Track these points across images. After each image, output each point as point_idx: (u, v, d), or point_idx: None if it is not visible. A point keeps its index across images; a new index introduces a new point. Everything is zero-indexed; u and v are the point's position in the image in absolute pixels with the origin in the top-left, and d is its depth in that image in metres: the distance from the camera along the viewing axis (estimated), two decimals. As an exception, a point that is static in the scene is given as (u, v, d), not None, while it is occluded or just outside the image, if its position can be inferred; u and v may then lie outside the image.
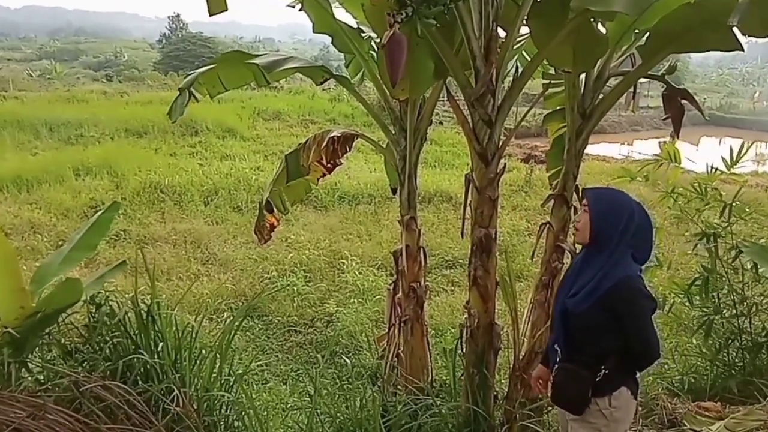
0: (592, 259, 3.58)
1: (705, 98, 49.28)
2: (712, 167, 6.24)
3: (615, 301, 3.44)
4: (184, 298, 8.61)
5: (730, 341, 6.22)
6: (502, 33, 4.82)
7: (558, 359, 3.74)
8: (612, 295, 3.44)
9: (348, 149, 5.96)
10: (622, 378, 3.59)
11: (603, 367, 3.53)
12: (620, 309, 3.44)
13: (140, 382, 4.61)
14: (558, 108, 6.36)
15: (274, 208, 6.55)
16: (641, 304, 3.48)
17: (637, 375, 3.69)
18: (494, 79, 4.72)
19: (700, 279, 6.14)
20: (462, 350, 5.32)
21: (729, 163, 6.21)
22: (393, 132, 5.95)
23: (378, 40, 5.34)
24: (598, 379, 3.53)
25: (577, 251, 3.95)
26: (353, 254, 12.26)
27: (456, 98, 5.01)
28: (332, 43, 5.83)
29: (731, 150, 6.27)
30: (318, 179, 6.18)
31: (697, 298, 6.27)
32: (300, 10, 5.72)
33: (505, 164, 5.02)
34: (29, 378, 4.57)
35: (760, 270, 5.85)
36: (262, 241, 6.78)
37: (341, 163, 6.01)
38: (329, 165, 5.89)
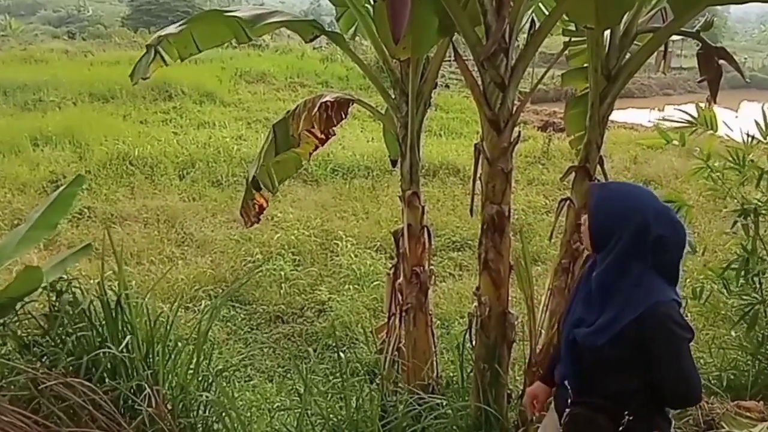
0: (608, 278, 3.26)
1: (746, 58, 49.18)
2: (748, 135, 6.21)
3: (642, 335, 3.13)
4: (156, 284, 8.60)
5: (774, 333, 6.23)
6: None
7: (569, 400, 3.47)
8: (638, 328, 3.12)
9: (343, 116, 5.94)
10: (651, 422, 3.31)
11: (626, 412, 3.20)
12: (650, 343, 3.13)
13: (107, 380, 4.62)
14: (584, 66, 6.30)
15: (262, 186, 6.52)
16: (676, 334, 3.14)
17: (669, 412, 3.44)
18: (507, 36, 4.70)
19: (737, 262, 6.13)
20: (471, 343, 5.33)
21: (765, 131, 6.19)
22: (393, 96, 5.92)
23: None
24: (621, 428, 3.22)
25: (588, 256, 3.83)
26: (348, 234, 12.24)
27: (464, 58, 4.98)
28: (323, -8, 5.80)
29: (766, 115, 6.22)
30: (310, 153, 6.17)
31: (735, 284, 6.26)
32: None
33: (519, 132, 5.00)
34: (-20, 375, 4.58)
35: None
36: (249, 223, 6.77)
37: (335, 133, 5.99)
38: (322, 135, 5.87)
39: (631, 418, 3.19)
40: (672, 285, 3.24)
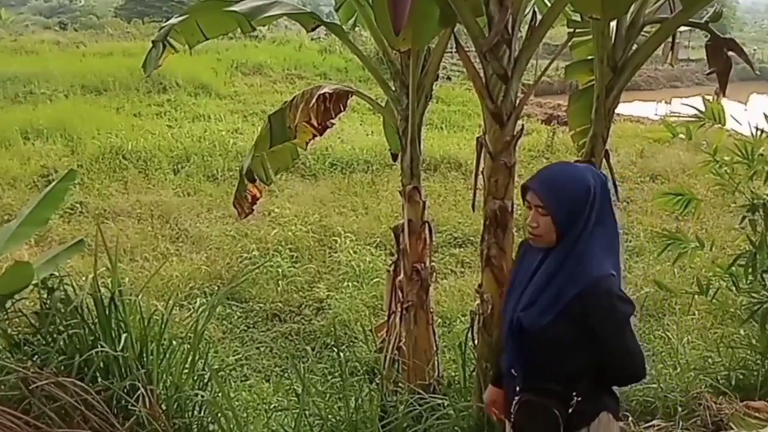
0: (552, 261, 3.27)
1: (755, 49, 49.09)
2: (758, 129, 6.20)
3: (585, 310, 3.13)
4: (150, 281, 8.59)
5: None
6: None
7: (517, 387, 3.47)
8: (581, 303, 3.13)
9: (341, 108, 5.93)
10: (599, 402, 3.35)
11: (575, 393, 3.25)
12: (594, 319, 3.15)
13: (100, 379, 4.61)
14: (588, 57, 6.29)
15: (256, 178, 6.52)
16: (618, 309, 3.17)
17: (616, 390, 3.51)
18: (510, 26, 4.69)
19: (744, 257, 6.11)
20: (473, 342, 5.33)
21: (773, 123, 6.17)
22: (393, 88, 5.92)
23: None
24: (570, 410, 3.26)
25: (523, 242, 3.66)
26: (347, 230, 12.25)
27: (466, 49, 4.98)
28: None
29: (773, 108, 6.20)
30: (306, 143, 6.16)
31: (744, 281, 6.25)
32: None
33: (522, 126, 5.00)
34: (-30, 374, 4.58)
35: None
36: (243, 215, 6.77)
37: (333, 124, 5.99)
38: (320, 126, 5.87)
39: (579, 399, 3.26)
40: (613, 257, 3.31)
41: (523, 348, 3.37)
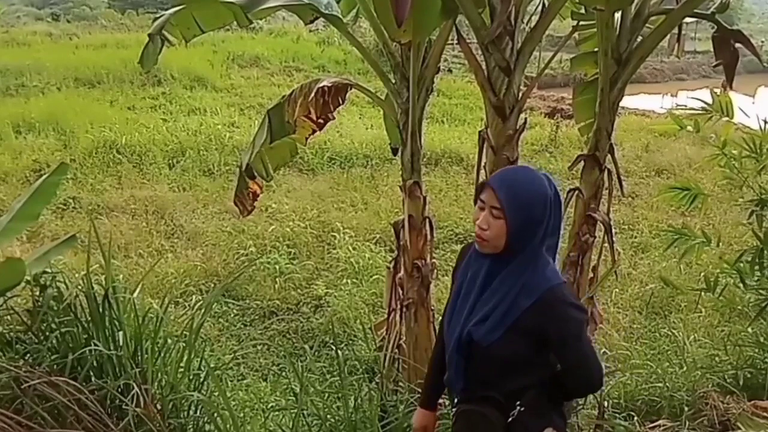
0: (500, 269, 3.11)
1: (763, 41, 48.89)
2: (766, 122, 6.19)
3: (540, 322, 3.03)
4: (145, 278, 8.57)
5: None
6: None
7: (455, 399, 3.42)
8: (535, 315, 3.02)
9: (341, 102, 5.93)
10: (546, 417, 3.23)
11: (518, 403, 3.14)
12: (550, 330, 3.04)
13: (93, 378, 4.61)
14: (594, 50, 6.29)
15: (256, 174, 6.51)
16: (574, 317, 3.10)
17: (565, 406, 3.45)
18: (513, 18, 4.69)
19: (750, 253, 6.11)
20: (475, 340, 5.33)
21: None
22: (393, 81, 5.92)
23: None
24: (511, 419, 3.14)
25: (466, 247, 3.49)
26: (346, 226, 12.23)
27: (468, 41, 4.98)
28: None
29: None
30: (306, 138, 6.16)
31: (751, 277, 6.25)
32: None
33: (525, 119, 5.01)
34: (-40, 374, 4.58)
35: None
36: (245, 212, 6.77)
37: (333, 118, 5.98)
38: (319, 120, 5.87)
39: (522, 408, 3.15)
40: (556, 264, 3.22)
41: (470, 363, 3.22)
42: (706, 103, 6.23)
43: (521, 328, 3.04)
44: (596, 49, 5.91)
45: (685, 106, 6.61)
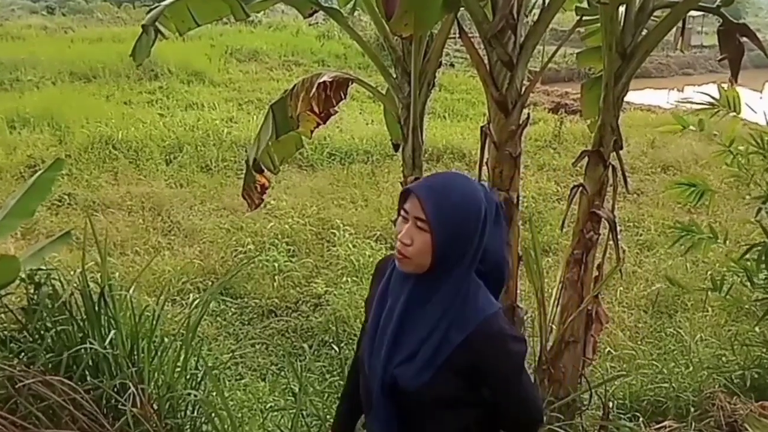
0: (425, 295, 2.73)
1: (771, 35, 49.07)
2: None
3: (475, 359, 2.68)
4: (141, 276, 8.57)
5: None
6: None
7: None
8: (469, 351, 2.66)
9: (342, 96, 5.93)
10: None
11: None
12: (486, 367, 2.70)
13: (89, 378, 4.61)
14: (598, 45, 6.29)
15: (264, 168, 6.52)
16: (513, 351, 2.76)
17: None
18: (516, 11, 4.69)
19: (757, 250, 6.10)
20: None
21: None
22: (394, 76, 5.92)
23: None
24: None
25: (383, 263, 3.10)
26: (346, 223, 12.21)
27: (470, 35, 4.97)
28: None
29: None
30: (311, 131, 6.16)
31: (757, 276, 6.25)
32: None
33: (528, 115, 5.01)
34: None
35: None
36: (253, 206, 6.79)
37: (336, 112, 5.98)
38: (322, 114, 5.86)
39: None
40: (496, 287, 2.89)
41: (394, 408, 2.84)
42: (712, 97, 6.23)
43: (454, 367, 2.69)
44: (599, 45, 5.92)
45: (691, 98, 6.62)
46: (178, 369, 4.96)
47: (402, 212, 2.72)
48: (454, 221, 2.62)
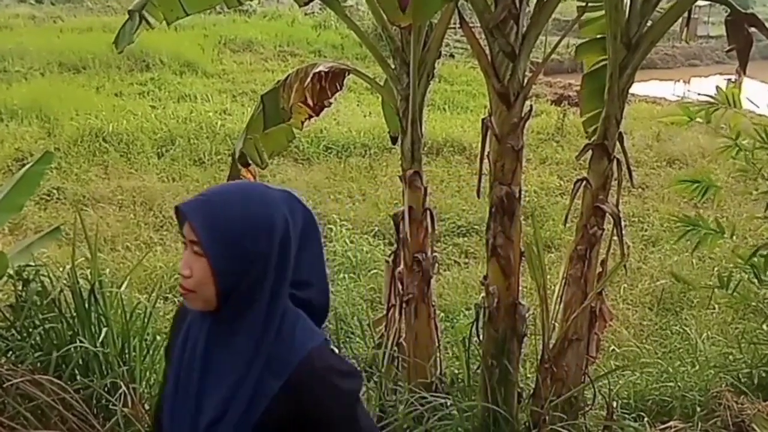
0: (226, 337, 2.28)
1: (780, 25, 49.00)
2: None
3: (300, 408, 2.24)
4: (133, 272, 8.57)
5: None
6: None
7: None
8: (290, 400, 2.23)
9: (338, 88, 5.92)
10: None
11: None
12: (312, 413, 2.26)
13: (79, 377, 4.62)
14: (597, 36, 6.29)
15: (250, 162, 6.50)
16: (346, 391, 2.34)
17: None
18: (518, 0, 4.69)
19: (765, 247, 6.11)
20: (478, 337, 5.33)
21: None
22: (393, 66, 5.91)
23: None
24: None
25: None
26: (343, 218, 12.23)
27: (471, 24, 4.97)
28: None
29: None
30: (302, 122, 6.15)
31: (765, 273, 6.26)
32: None
33: (531, 107, 5.00)
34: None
35: None
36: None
37: (330, 104, 5.98)
38: (316, 106, 5.86)
39: None
40: (319, 315, 2.43)
41: None
42: (711, 96, 6.24)
43: (276, 421, 2.26)
44: (601, 36, 5.92)
45: (697, 92, 6.62)
46: (171, 368, 4.96)
47: (189, 245, 2.27)
48: (232, 240, 2.19)
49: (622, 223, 5.55)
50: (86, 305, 4.80)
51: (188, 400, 2.31)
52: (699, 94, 6.41)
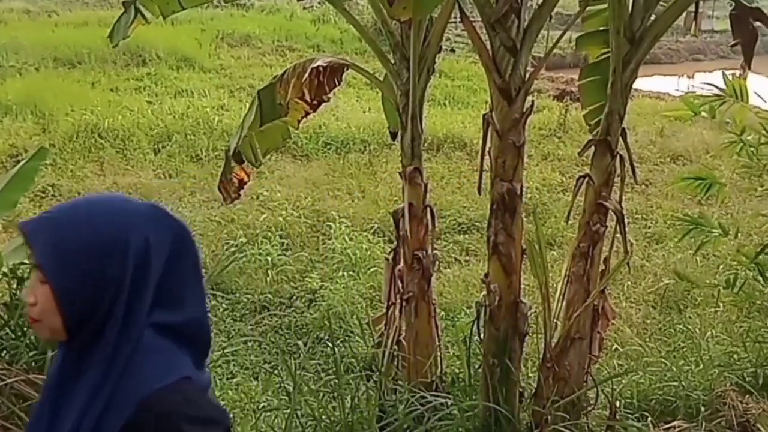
0: (75, 369, 2.06)
1: (785, 19, 48.99)
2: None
3: None
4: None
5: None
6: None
7: None
8: None
9: (336, 83, 5.92)
10: None
11: None
12: None
13: (74, 376, 4.61)
14: (600, 29, 6.27)
15: (244, 159, 6.50)
16: None
17: None
18: (520, -6, 4.69)
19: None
20: (479, 336, 5.33)
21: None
22: (393, 61, 5.91)
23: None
24: None
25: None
26: (342, 215, 12.21)
27: (472, 19, 4.97)
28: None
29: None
30: (299, 121, 6.14)
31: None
32: None
33: (533, 102, 5.00)
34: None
35: None
36: (228, 200, 6.77)
37: (328, 100, 5.97)
38: (313, 102, 5.85)
39: None
40: (197, 349, 2.18)
41: None
42: (719, 88, 6.22)
43: None
44: (603, 28, 5.91)
45: (702, 87, 6.61)
46: (168, 367, 4.95)
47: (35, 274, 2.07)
48: (77, 264, 1.97)
49: (625, 220, 5.55)
50: (82, 304, 4.79)
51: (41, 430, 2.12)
52: (706, 83, 6.38)
